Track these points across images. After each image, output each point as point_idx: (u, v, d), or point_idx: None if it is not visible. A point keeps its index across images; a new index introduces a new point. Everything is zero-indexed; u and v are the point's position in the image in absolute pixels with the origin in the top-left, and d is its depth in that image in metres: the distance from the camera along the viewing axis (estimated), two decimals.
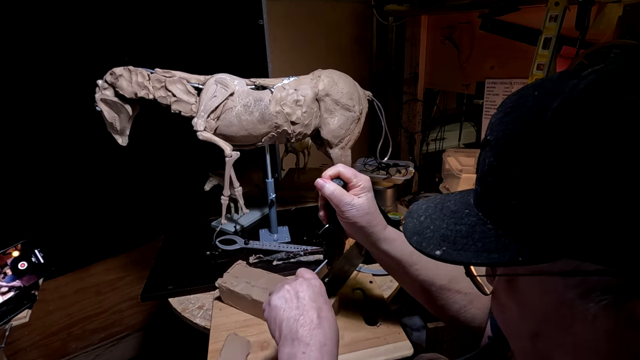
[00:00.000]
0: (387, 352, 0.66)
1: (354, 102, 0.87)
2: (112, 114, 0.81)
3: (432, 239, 0.33)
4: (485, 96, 1.38)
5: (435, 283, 0.57)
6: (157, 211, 1.26)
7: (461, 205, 0.35)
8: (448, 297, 0.56)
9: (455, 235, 0.32)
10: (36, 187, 1.05)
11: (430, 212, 0.37)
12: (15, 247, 0.83)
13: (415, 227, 0.36)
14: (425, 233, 0.35)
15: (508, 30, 1.22)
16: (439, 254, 0.32)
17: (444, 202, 0.37)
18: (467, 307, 0.56)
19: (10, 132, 0.98)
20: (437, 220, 0.35)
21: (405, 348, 0.66)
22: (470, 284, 0.37)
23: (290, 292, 0.49)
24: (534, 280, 0.30)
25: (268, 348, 0.67)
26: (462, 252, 0.30)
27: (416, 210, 0.39)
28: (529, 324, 0.31)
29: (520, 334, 0.32)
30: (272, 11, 1.28)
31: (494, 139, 0.30)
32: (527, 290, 0.31)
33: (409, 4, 1.53)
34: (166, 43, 1.11)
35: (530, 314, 0.31)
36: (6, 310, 0.79)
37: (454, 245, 0.31)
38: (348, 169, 0.60)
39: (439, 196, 0.40)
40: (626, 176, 0.23)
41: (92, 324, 1.37)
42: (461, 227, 0.32)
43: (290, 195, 1.22)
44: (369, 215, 0.57)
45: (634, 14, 0.91)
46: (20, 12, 0.92)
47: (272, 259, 0.89)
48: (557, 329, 0.29)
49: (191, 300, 0.81)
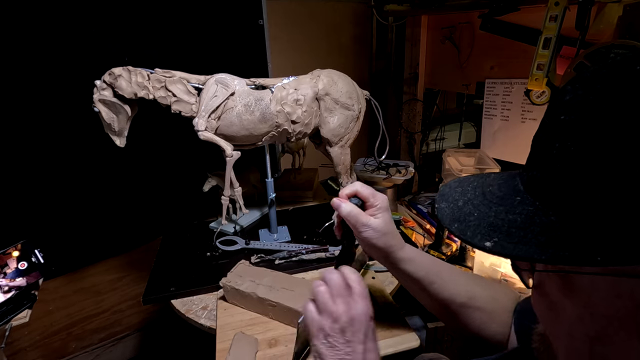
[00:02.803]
0: (395, 344, 0.67)
1: (353, 101, 0.87)
2: (111, 114, 0.81)
3: (478, 228, 0.30)
4: (485, 96, 1.38)
5: (455, 301, 0.56)
6: (156, 211, 1.25)
7: (508, 191, 0.31)
8: (468, 315, 0.56)
9: (508, 225, 0.28)
10: (36, 187, 1.05)
11: (470, 196, 0.34)
12: (15, 247, 0.82)
13: (454, 213, 0.33)
14: (468, 220, 0.31)
15: (508, 30, 1.22)
16: (490, 246, 0.28)
17: (485, 187, 0.34)
18: (487, 324, 0.55)
19: (10, 132, 0.98)
20: (482, 207, 0.31)
21: (412, 340, 0.67)
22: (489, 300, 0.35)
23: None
24: (604, 280, 0.27)
25: (276, 345, 0.67)
26: (520, 246, 0.27)
27: (450, 194, 0.36)
28: (590, 325, 0.28)
29: (574, 334, 0.30)
30: (272, 11, 1.28)
31: (572, 120, 0.26)
32: (592, 289, 0.27)
33: (409, 4, 1.53)
34: (166, 43, 1.11)
35: (593, 316, 0.28)
36: (6, 310, 0.79)
37: (508, 237, 0.28)
38: (366, 188, 0.59)
39: (472, 177, 0.37)
40: None
41: (92, 324, 1.37)
42: (514, 216, 0.29)
43: (288, 195, 1.22)
44: (387, 236, 0.56)
45: (634, 14, 0.90)
46: (20, 12, 0.92)
47: (274, 258, 0.89)
48: (627, 334, 0.26)
49: (194, 302, 0.81)
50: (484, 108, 1.40)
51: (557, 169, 0.27)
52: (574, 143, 0.26)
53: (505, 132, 1.35)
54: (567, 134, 0.27)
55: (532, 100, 1.10)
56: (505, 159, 1.35)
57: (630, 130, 0.23)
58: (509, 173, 0.34)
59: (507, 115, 1.33)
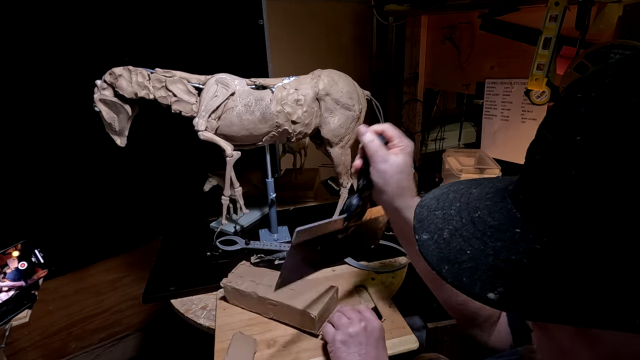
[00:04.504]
0: (393, 345, 0.67)
1: (353, 101, 0.87)
2: (111, 114, 0.81)
3: (476, 272, 0.24)
4: (485, 96, 1.38)
5: None
6: (156, 211, 1.25)
7: (503, 219, 0.26)
8: None
9: (513, 270, 0.23)
10: (36, 187, 1.05)
11: (456, 225, 0.28)
12: (15, 247, 0.82)
13: (441, 250, 0.27)
14: (460, 261, 0.25)
15: (508, 30, 1.22)
16: (495, 299, 0.23)
17: (471, 210, 0.28)
18: None
19: (10, 132, 0.98)
20: (474, 241, 0.26)
21: (411, 342, 0.68)
22: None
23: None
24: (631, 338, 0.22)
25: (274, 346, 0.67)
26: (534, 301, 0.22)
27: (431, 220, 0.29)
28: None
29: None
30: (272, 11, 1.28)
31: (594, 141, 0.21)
32: (616, 344, 0.22)
33: (409, 4, 1.53)
34: (166, 43, 1.11)
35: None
36: (6, 310, 0.79)
37: (516, 286, 0.23)
38: (394, 129, 0.58)
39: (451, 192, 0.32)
40: None
41: (92, 324, 1.36)
42: (519, 257, 0.23)
43: (288, 195, 1.22)
44: (401, 175, 0.55)
45: (634, 14, 0.91)
46: (20, 12, 0.92)
47: (274, 258, 0.89)
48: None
49: (194, 301, 0.81)
50: (484, 108, 1.40)
51: (574, 202, 0.22)
52: (600, 171, 0.20)
53: (505, 132, 1.35)
54: (587, 159, 0.21)
55: (532, 100, 1.10)
56: (505, 159, 1.35)
57: None
58: (495, 187, 0.29)
59: (507, 115, 1.33)
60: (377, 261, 0.90)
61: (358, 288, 0.81)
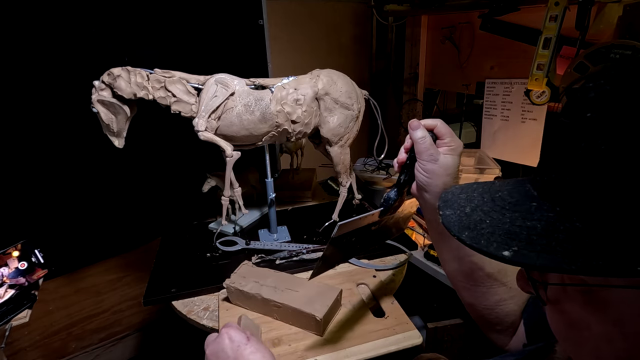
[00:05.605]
0: (397, 341, 0.67)
1: (352, 100, 0.87)
2: (109, 115, 0.80)
3: (492, 236, 0.27)
4: (485, 96, 1.38)
5: (485, 268, 0.52)
6: (156, 212, 1.25)
7: (521, 197, 0.29)
8: (491, 286, 0.53)
9: (527, 232, 0.26)
10: (36, 187, 1.05)
11: (477, 202, 0.31)
12: (15, 247, 0.83)
13: (462, 220, 0.30)
14: (479, 228, 0.29)
15: (508, 30, 1.22)
16: (510, 255, 0.25)
17: (492, 193, 0.32)
18: (506, 301, 0.53)
19: (10, 132, 0.98)
20: (493, 213, 0.29)
21: (414, 337, 0.67)
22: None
23: None
24: (637, 295, 0.24)
25: (280, 345, 0.67)
26: (544, 255, 0.24)
27: (454, 200, 0.33)
28: (621, 345, 0.26)
29: (601, 356, 0.27)
30: (272, 11, 1.28)
31: (602, 116, 0.24)
32: (622, 305, 0.25)
33: (409, 4, 1.53)
34: (166, 43, 1.11)
35: (625, 335, 0.25)
36: (6, 310, 0.79)
37: (529, 245, 0.25)
38: (446, 127, 0.55)
39: (475, 184, 0.35)
40: None
41: (92, 324, 1.37)
42: (533, 223, 0.27)
43: (286, 195, 1.22)
44: (448, 177, 0.53)
45: (634, 14, 0.91)
46: (20, 12, 0.92)
47: (275, 259, 0.89)
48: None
49: (196, 302, 0.80)
50: (484, 108, 1.40)
51: (584, 170, 0.25)
52: (605, 141, 0.24)
53: (505, 132, 1.35)
54: (596, 131, 0.24)
55: (532, 100, 1.10)
56: (505, 158, 1.35)
57: None
58: (516, 180, 0.32)
59: (507, 115, 1.33)
60: (378, 259, 0.90)
61: (360, 285, 0.82)
